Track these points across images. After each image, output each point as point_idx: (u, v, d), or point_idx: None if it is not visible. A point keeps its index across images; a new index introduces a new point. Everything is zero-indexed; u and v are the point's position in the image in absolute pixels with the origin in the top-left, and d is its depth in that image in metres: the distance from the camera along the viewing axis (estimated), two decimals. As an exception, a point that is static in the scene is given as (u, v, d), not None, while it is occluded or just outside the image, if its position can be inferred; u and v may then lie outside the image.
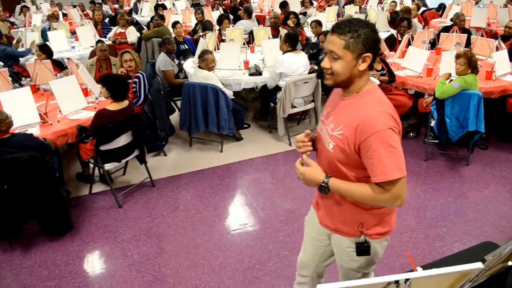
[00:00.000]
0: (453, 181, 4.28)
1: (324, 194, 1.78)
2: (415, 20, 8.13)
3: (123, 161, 4.14)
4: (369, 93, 1.72)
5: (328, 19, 8.75)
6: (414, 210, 3.83)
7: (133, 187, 4.32)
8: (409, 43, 6.03)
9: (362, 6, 9.94)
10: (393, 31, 7.18)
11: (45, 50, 5.70)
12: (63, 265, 3.31)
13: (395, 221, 1.96)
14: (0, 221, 3.39)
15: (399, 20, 6.74)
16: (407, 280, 1.24)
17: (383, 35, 7.17)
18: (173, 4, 11.25)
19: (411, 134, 5.27)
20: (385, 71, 5.02)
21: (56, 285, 3.11)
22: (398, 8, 9.26)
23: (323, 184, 1.74)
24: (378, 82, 4.74)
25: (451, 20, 7.30)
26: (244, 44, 6.45)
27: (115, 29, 7.91)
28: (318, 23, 6.96)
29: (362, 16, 8.13)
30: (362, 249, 1.87)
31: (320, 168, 1.79)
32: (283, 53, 5.13)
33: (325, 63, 1.69)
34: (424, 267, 1.74)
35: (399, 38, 6.51)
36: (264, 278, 3.08)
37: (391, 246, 3.32)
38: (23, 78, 5.55)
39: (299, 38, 6.47)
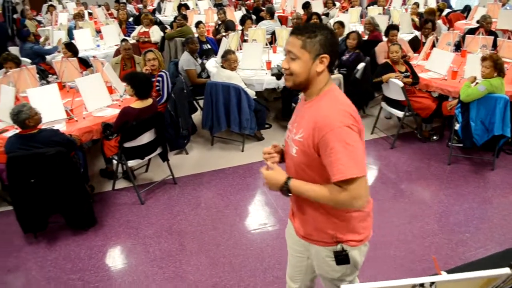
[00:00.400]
0: (477, 186, 4.21)
1: (286, 196, 1.76)
2: (439, 22, 8.01)
3: (146, 158, 4.19)
4: (328, 93, 1.72)
5: (351, 20, 8.70)
6: (437, 214, 3.78)
7: (155, 184, 4.38)
8: (433, 45, 5.96)
9: (386, 7, 9.85)
10: (417, 33, 7.10)
11: (71, 48, 5.83)
12: (86, 258, 3.38)
13: (371, 227, 1.91)
14: (27, 214, 3.49)
15: (424, 22, 6.66)
16: (432, 283, 1.23)
17: (406, 37, 7.09)
18: (196, 4, 11.34)
19: (435, 137, 5.20)
20: (409, 73, 4.97)
21: (79, 278, 3.17)
22: (420, 10, 9.16)
23: (284, 185, 1.72)
24: (402, 84, 4.69)
25: (477, 22, 7.17)
26: (266, 44, 6.46)
27: (139, 28, 8.01)
28: (341, 24, 6.92)
29: (385, 18, 8.05)
30: (341, 258, 1.83)
31: (283, 171, 1.78)
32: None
33: (284, 63, 1.73)
34: (448, 272, 1.72)
35: (423, 40, 6.43)
36: (284, 278, 3.05)
37: (412, 250, 3.29)
38: (49, 75, 5.67)
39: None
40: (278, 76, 1.89)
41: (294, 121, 1.84)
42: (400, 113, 4.97)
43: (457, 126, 4.43)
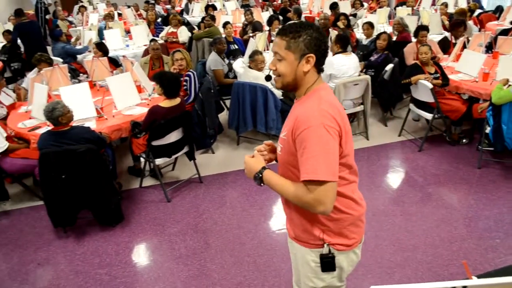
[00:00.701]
0: (508, 191, 4.09)
1: (258, 185, 1.75)
2: (470, 23, 7.84)
3: (173, 157, 4.25)
4: (314, 92, 1.69)
5: (379, 20, 8.60)
6: (466, 219, 3.70)
7: (182, 183, 4.43)
8: (464, 46, 5.83)
9: (415, 8, 9.70)
10: (447, 34, 6.97)
11: (101, 48, 5.96)
12: (113, 254, 3.44)
13: (362, 233, 1.86)
14: (57, 209, 3.58)
15: (455, 23, 6.51)
16: (464, 287, 1.21)
17: (436, 37, 6.97)
18: (223, 5, 11.42)
19: (464, 140, 5.08)
20: (438, 75, 4.88)
21: (106, 273, 3.24)
22: (448, 10, 8.98)
23: (258, 173, 1.72)
24: (431, 86, 4.62)
25: (511, 23, 6.98)
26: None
27: (167, 29, 8.12)
28: (370, 25, 6.86)
29: (414, 18, 7.92)
30: (327, 261, 1.77)
31: (262, 161, 1.78)
32: (333, 54, 5.09)
33: (271, 64, 1.72)
34: (478, 278, 1.69)
35: (453, 41, 6.30)
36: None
37: (440, 255, 3.24)
38: (80, 75, 5.81)
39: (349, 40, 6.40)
40: (268, 77, 1.89)
41: (286, 121, 1.83)
42: (428, 115, 4.89)
43: (488, 129, 4.33)
